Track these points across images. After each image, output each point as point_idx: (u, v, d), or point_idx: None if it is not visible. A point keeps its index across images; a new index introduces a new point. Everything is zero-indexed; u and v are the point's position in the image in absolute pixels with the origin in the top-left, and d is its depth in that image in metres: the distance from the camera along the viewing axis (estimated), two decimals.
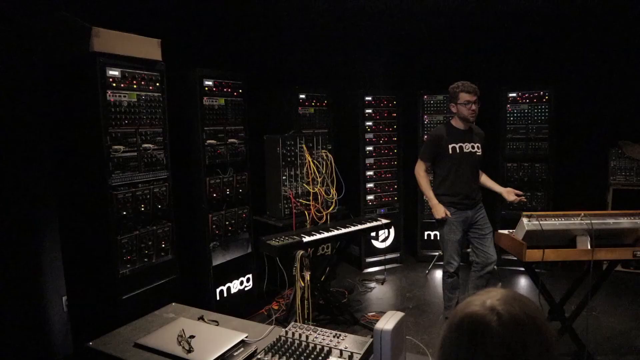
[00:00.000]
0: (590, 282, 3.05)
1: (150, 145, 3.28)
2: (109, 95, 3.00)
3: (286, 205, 4.32)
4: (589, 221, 2.95)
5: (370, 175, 5.55)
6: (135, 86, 3.18)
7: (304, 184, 4.39)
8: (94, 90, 2.94)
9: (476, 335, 0.97)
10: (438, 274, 5.17)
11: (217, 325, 2.12)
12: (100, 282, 3.14)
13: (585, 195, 5.42)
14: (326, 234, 3.75)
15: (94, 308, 3.17)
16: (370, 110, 5.51)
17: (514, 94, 5.33)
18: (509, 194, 3.75)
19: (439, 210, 3.77)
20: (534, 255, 2.97)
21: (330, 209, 4.43)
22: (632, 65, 5.20)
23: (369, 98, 5.50)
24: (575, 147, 5.54)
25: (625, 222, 3.01)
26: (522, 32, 5.42)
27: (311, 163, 4.37)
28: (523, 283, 5.11)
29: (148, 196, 3.26)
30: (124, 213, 3.09)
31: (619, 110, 5.31)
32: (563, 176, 5.44)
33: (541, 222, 2.96)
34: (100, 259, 3.11)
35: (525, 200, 3.67)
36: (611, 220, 3.01)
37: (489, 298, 1.01)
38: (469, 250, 4.85)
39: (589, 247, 2.96)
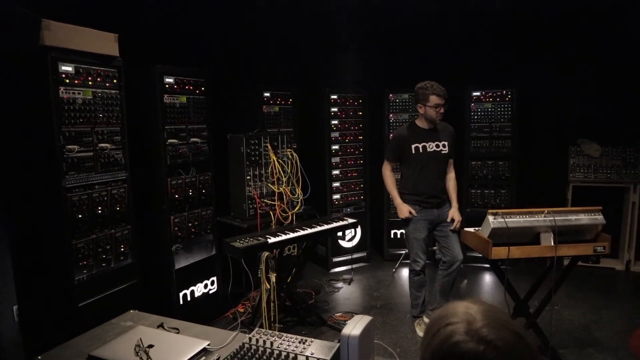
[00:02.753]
0: (554, 278, 3.10)
1: (107, 144, 3.14)
2: (62, 92, 2.86)
3: (251, 206, 4.23)
4: (552, 218, 2.99)
5: (336, 174, 5.51)
6: (90, 83, 3.04)
7: (269, 184, 4.31)
8: (45, 86, 2.79)
9: None
10: (405, 272, 5.18)
11: (177, 333, 2.02)
12: (55, 289, 2.98)
13: (546, 191, 5.54)
14: (292, 235, 3.68)
15: (48, 317, 3.01)
16: (336, 109, 5.47)
17: (478, 93, 5.40)
18: (451, 215, 3.78)
19: (403, 210, 3.78)
20: (499, 252, 2.99)
21: (296, 209, 4.36)
22: (591, 66, 5.33)
23: (335, 96, 5.46)
24: (537, 145, 5.66)
25: (585, 218, 3.07)
26: (485, 32, 5.48)
27: (276, 162, 4.29)
28: (488, 279, 5.19)
29: (105, 198, 3.13)
30: (80, 216, 2.94)
31: (578, 109, 5.44)
32: (525, 173, 5.55)
33: (506, 220, 2.98)
34: (55, 265, 2.95)
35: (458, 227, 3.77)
36: (573, 217, 3.05)
37: (469, 323, 0.93)
38: (435, 248, 4.88)
39: (553, 244, 3.00)
